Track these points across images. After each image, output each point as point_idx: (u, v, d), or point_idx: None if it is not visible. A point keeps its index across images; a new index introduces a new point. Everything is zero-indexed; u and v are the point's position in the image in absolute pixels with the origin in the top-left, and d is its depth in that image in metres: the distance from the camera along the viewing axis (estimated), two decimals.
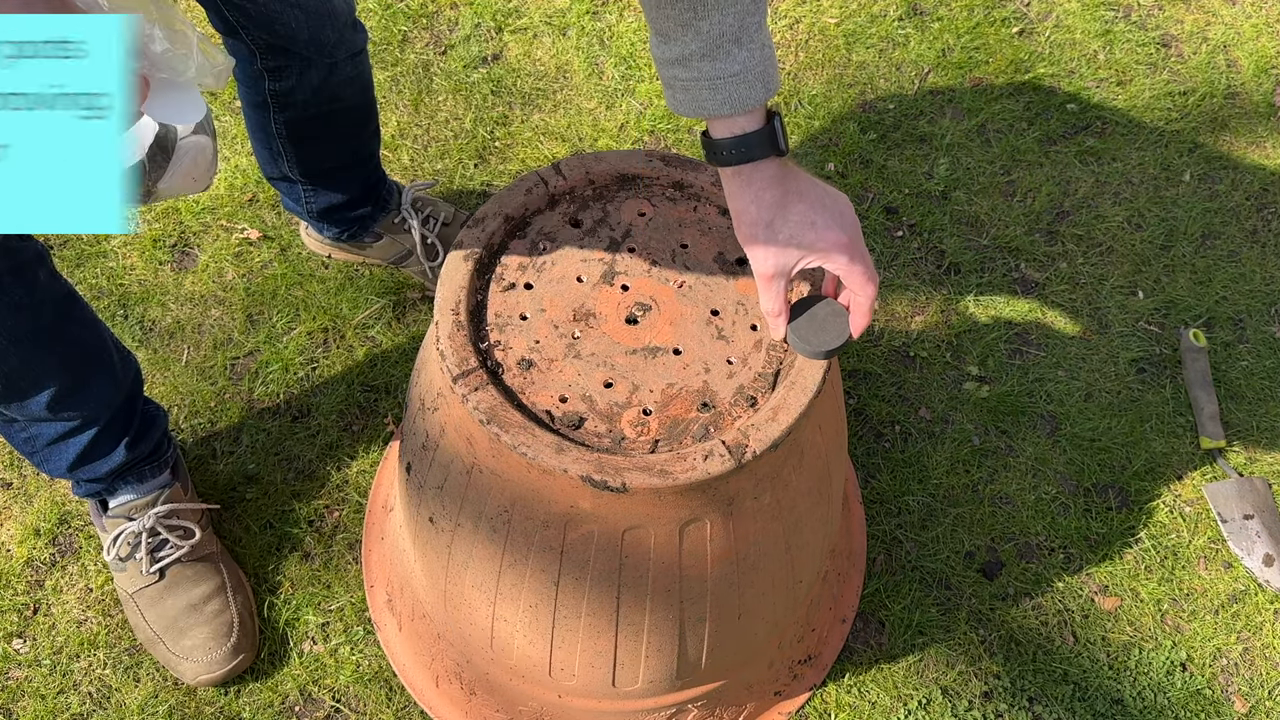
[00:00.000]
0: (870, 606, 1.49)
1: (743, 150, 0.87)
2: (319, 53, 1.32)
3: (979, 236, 1.80)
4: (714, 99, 0.85)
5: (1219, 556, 1.56)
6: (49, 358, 1.22)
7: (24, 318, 1.17)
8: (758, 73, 0.85)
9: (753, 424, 0.92)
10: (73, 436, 1.32)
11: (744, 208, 0.90)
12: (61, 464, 1.35)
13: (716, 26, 0.82)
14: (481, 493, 0.98)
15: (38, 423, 1.29)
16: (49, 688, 1.41)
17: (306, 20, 1.27)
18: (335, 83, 1.38)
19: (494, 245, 1.02)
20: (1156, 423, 1.65)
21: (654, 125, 1.89)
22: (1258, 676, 1.48)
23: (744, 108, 0.85)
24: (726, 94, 0.85)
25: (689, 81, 0.86)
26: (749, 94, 0.85)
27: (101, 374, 1.30)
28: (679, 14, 0.82)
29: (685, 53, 0.84)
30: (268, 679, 1.42)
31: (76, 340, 1.26)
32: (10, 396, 1.24)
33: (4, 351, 1.17)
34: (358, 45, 1.38)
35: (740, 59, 0.84)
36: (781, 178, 0.89)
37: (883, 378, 1.67)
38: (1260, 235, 1.83)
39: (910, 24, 2.03)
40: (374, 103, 1.50)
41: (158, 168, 0.90)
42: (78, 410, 1.29)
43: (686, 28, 0.83)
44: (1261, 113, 1.95)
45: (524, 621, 1.07)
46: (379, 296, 1.70)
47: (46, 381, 1.23)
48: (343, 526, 1.52)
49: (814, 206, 0.89)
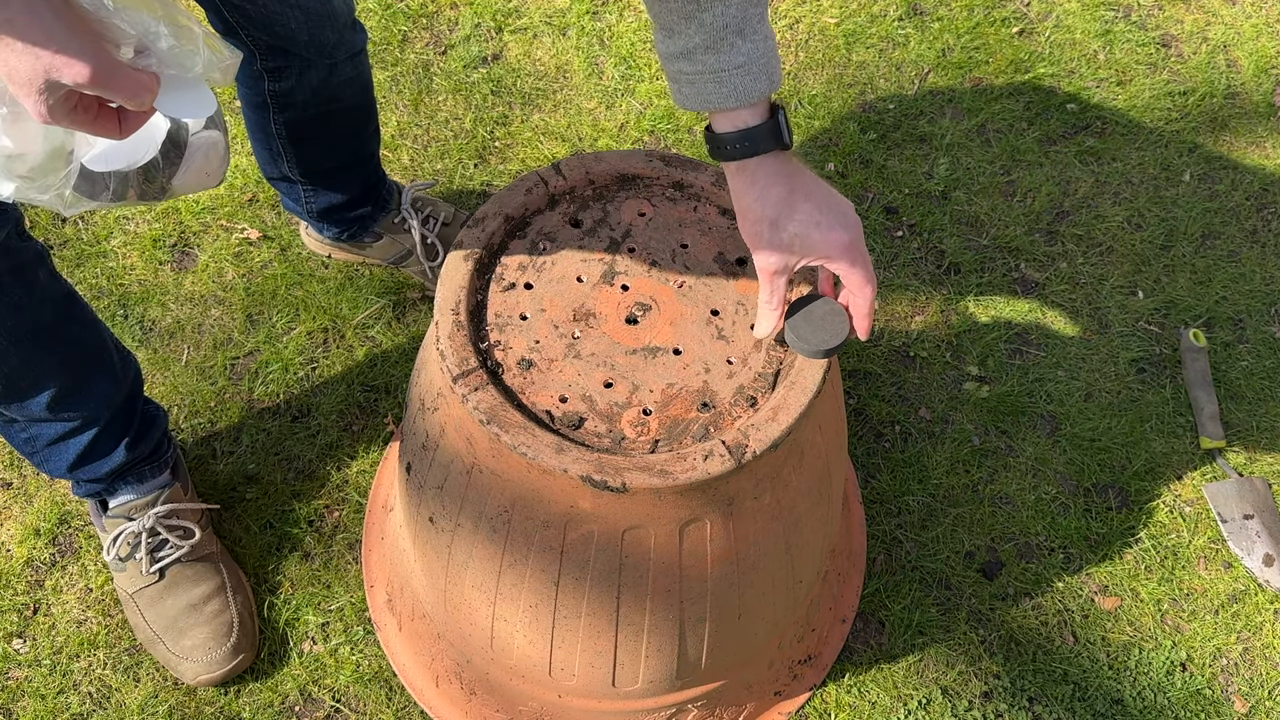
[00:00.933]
0: (870, 606, 1.49)
1: (747, 144, 0.87)
2: (319, 54, 1.32)
3: (979, 236, 1.80)
4: (719, 91, 0.85)
5: (1219, 556, 1.56)
6: (49, 358, 1.22)
7: (24, 318, 1.17)
8: (761, 64, 0.85)
9: (753, 424, 0.92)
10: (73, 437, 1.32)
11: (749, 205, 0.90)
12: (62, 464, 1.35)
13: (719, 18, 0.82)
14: (481, 493, 0.98)
15: (38, 423, 1.29)
16: (49, 688, 1.41)
17: (306, 21, 1.27)
18: (335, 83, 1.38)
19: (494, 245, 1.02)
20: (1156, 423, 1.65)
21: (654, 125, 1.89)
22: (1258, 676, 1.48)
23: (749, 100, 0.85)
24: (731, 86, 0.85)
25: (693, 75, 0.86)
26: (753, 86, 0.85)
27: (101, 374, 1.30)
28: (681, 6, 0.83)
29: (689, 46, 0.84)
30: (268, 679, 1.42)
31: (76, 340, 1.26)
32: (10, 397, 1.23)
33: (4, 352, 1.17)
34: (357, 46, 1.38)
35: (744, 50, 0.84)
36: (787, 175, 0.89)
37: (883, 378, 1.67)
38: (1260, 235, 1.83)
39: (910, 24, 2.03)
40: (374, 103, 1.50)
41: (171, 164, 0.90)
42: (78, 411, 1.29)
43: (689, 20, 0.83)
44: (1261, 113, 1.95)
45: (524, 621, 1.07)
46: (379, 296, 1.70)
47: (47, 382, 1.23)
48: (343, 526, 1.52)
49: (820, 207, 0.89)
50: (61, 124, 0.72)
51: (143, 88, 0.72)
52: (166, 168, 0.90)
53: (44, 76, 0.68)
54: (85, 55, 0.68)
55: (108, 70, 0.69)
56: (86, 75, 0.68)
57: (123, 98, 0.71)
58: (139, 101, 0.72)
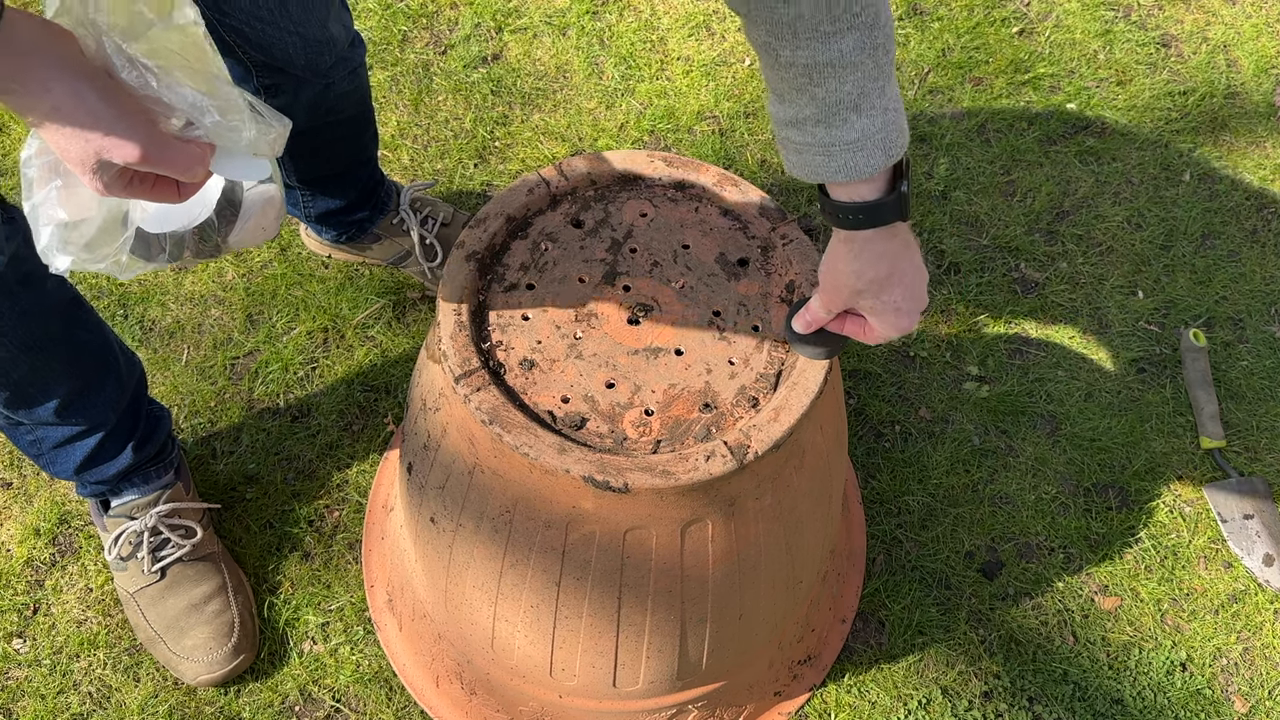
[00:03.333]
0: (870, 606, 1.49)
1: (861, 218, 0.82)
2: (315, 75, 1.31)
3: (979, 236, 1.80)
4: (828, 166, 0.81)
5: (1219, 556, 1.56)
6: (57, 364, 1.22)
7: (34, 325, 1.17)
8: (878, 140, 0.79)
9: (754, 424, 0.92)
10: (79, 440, 1.31)
11: (843, 271, 0.86)
12: (68, 466, 1.34)
13: (834, 94, 0.77)
14: (483, 493, 0.98)
15: (44, 426, 1.29)
16: (49, 687, 1.41)
17: (304, 47, 1.26)
18: (332, 98, 1.36)
19: (496, 245, 1.02)
20: (1156, 422, 1.65)
21: (654, 125, 1.89)
22: (1258, 676, 1.48)
23: (860, 176, 0.80)
24: (841, 162, 0.80)
25: (801, 145, 0.81)
26: (866, 162, 0.80)
27: (107, 378, 1.30)
28: (794, 78, 0.78)
29: (799, 116, 0.80)
30: (268, 679, 1.42)
31: (84, 345, 1.26)
32: (19, 404, 1.23)
33: (14, 360, 1.17)
34: (355, 62, 1.37)
35: (859, 127, 0.78)
36: (893, 256, 0.84)
37: (883, 378, 1.67)
38: (1260, 235, 1.83)
39: (910, 24, 2.03)
40: (371, 110, 1.49)
41: (227, 222, 0.88)
42: (85, 415, 1.29)
43: (801, 92, 0.78)
44: (1261, 112, 1.95)
45: (525, 622, 1.07)
46: (379, 296, 1.70)
47: (55, 388, 1.23)
48: (343, 526, 1.52)
49: (908, 293, 0.86)
50: (119, 196, 0.72)
51: (195, 160, 0.71)
52: (222, 226, 0.88)
53: (95, 158, 0.68)
54: (135, 135, 0.68)
55: (158, 148, 0.69)
56: (137, 155, 0.68)
57: (175, 172, 0.71)
58: (192, 174, 0.72)
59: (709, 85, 1.94)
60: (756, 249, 1.03)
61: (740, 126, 1.90)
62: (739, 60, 1.97)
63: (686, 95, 1.92)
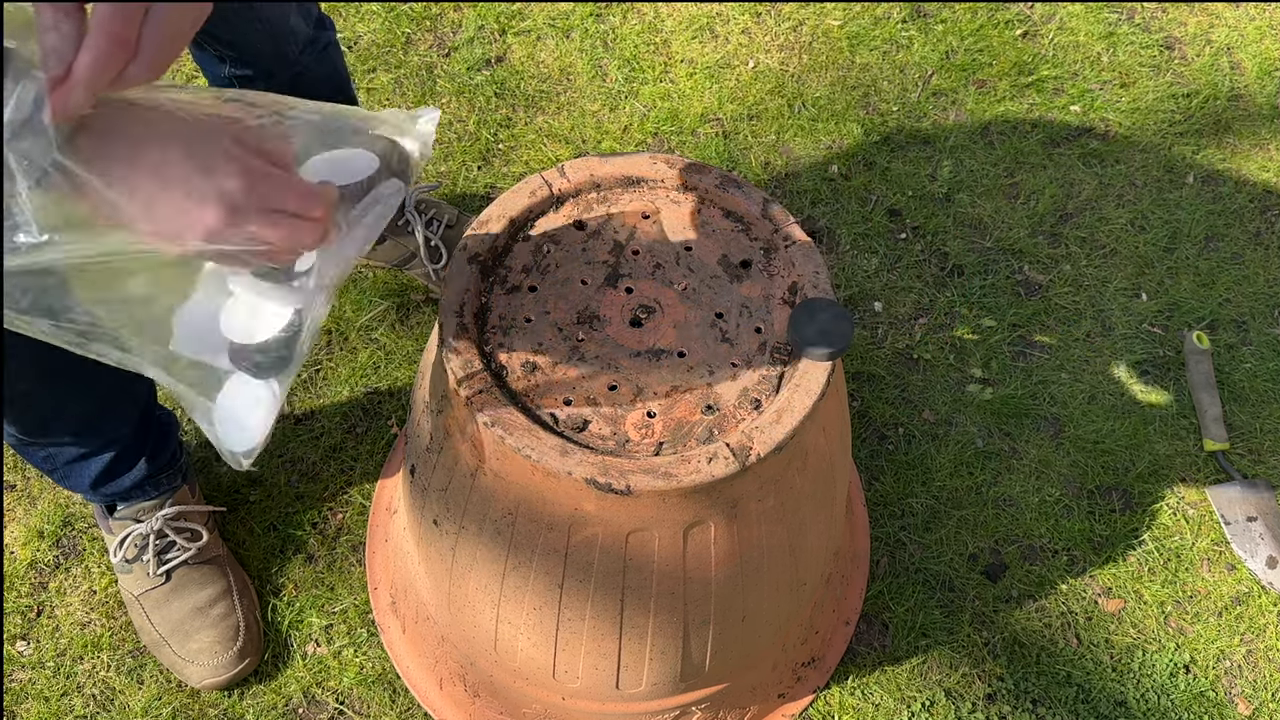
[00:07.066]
0: (874, 609, 1.49)
1: None
2: (282, 65, 1.35)
3: (982, 239, 1.80)
4: None
5: (1222, 559, 1.56)
6: (75, 390, 1.20)
7: (53, 354, 1.17)
8: None
9: (757, 426, 0.92)
10: (94, 456, 1.31)
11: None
12: (83, 481, 1.33)
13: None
14: (485, 495, 0.98)
15: (58, 446, 1.28)
16: (53, 690, 1.41)
17: (270, 36, 1.30)
18: (306, 83, 1.38)
19: (498, 247, 1.02)
20: (1160, 425, 1.65)
21: (657, 127, 1.89)
22: (1261, 679, 1.48)
23: None
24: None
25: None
26: None
27: (120, 397, 1.29)
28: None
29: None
30: (271, 681, 1.42)
31: (100, 368, 1.25)
32: (38, 432, 1.23)
33: (33, 390, 1.16)
34: (324, 41, 1.40)
35: None
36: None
37: (886, 380, 1.67)
38: (1264, 238, 1.83)
39: (914, 26, 2.03)
40: (352, 94, 1.52)
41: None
42: (100, 434, 1.29)
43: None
44: (1265, 115, 1.95)
45: (528, 624, 1.07)
46: (382, 299, 1.70)
47: (72, 414, 1.23)
48: (346, 529, 1.53)
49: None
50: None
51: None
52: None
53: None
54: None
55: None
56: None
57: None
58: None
59: (712, 88, 1.94)
60: (759, 251, 1.03)
61: (743, 129, 1.90)
62: (743, 63, 1.97)
63: (690, 98, 1.92)
